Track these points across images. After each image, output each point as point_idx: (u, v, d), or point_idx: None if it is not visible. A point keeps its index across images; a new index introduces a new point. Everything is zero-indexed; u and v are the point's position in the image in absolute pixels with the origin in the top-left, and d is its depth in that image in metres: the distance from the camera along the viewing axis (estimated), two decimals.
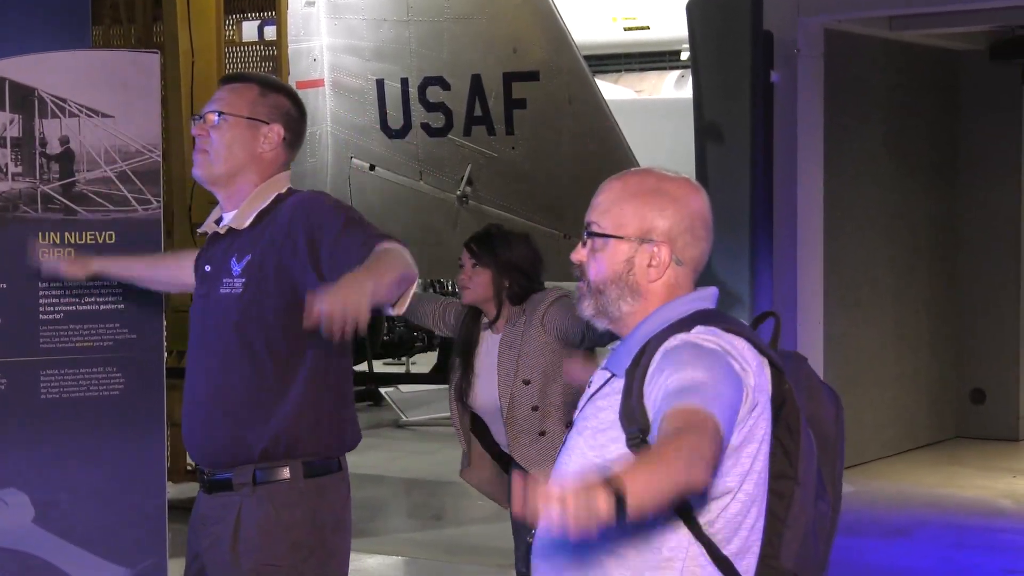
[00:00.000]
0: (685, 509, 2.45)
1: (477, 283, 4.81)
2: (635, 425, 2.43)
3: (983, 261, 10.55)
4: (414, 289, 3.26)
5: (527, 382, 4.69)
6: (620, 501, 2.03)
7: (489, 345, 4.86)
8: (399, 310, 3.27)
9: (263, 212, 3.50)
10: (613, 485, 2.04)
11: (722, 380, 2.37)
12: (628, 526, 2.42)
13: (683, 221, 2.56)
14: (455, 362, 4.98)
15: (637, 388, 2.45)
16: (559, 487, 1.99)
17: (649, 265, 2.55)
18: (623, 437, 2.45)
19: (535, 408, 4.70)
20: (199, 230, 3.67)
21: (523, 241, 4.92)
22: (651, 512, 2.13)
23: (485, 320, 4.88)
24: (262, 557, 3.42)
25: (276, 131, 3.53)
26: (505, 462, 4.93)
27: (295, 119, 3.59)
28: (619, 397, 2.49)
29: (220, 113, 3.50)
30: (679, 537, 2.46)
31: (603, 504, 2.00)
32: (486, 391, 4.83)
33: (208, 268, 3.55)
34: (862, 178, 9.65)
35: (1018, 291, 10.52)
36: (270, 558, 3.42)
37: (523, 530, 4.78)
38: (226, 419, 3.46)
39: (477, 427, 4.97)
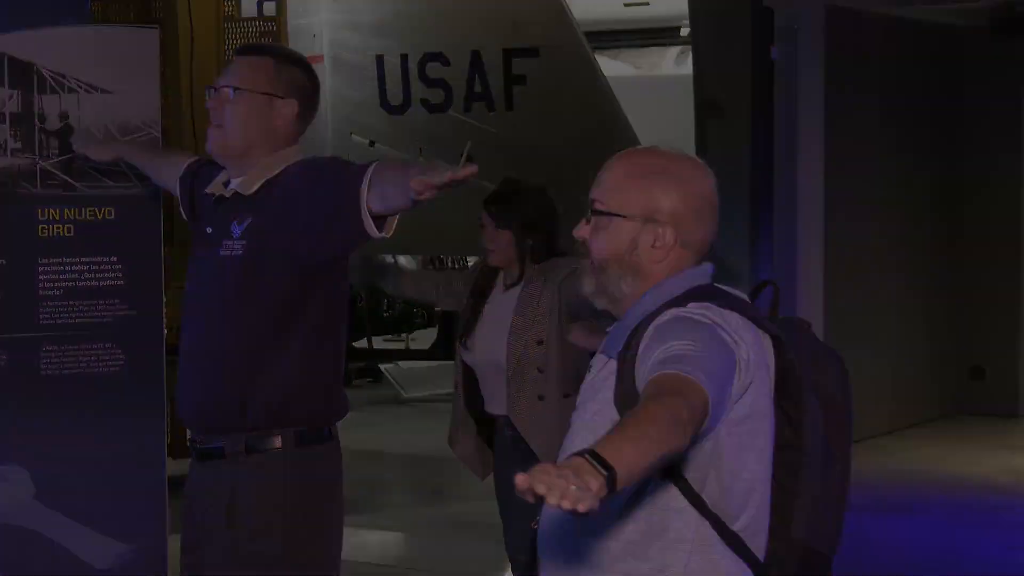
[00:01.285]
0: (685, 486, 2.44)
1: (501, 244, 4.79)
2: (629, 411, 2.42)
3: (983, 238, 10.54)
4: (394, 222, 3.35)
5: (540, 343, 4.68)
6: (610, 478, 2.02)
7: (499, 300, 4.84)
8: (388, 232, 3.33)
9: (270, 180, 3.51)
10: (601, 463, 2.03)
11: (708, 348, 2.34)
12: (633, 510, 2.43)
13: (689, 203, 2.53)
14: (467, 304, 4.95)
15: (628, 371, 2.43)
16: (547, 475, 1.98)
17: (653, 246, 2.52)
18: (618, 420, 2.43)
19: (541, 370, 4.69)
20: (206, 190, 3.67)
21: (539, 195, 4.90)
22: (638, 480, 2.12)
23: (503, 278, 4.87)
24: (257, 525, 3.44)
25: (291, 106, 3.54)
26: (487, 425, 4.91)
27: (309, 92, 3.60)
28: (614, 380, 2.47)
29: (235, 88, 3.51)
30: (686, 517, 2.44)
31: (595, 484, 1.99)
32: (487, 344, 4.81)
33: (210, 230, 3.57)
34: (863, 153, 9.63)
35: (1018, 268, 10.52)
36: (265, 526, 3.44)
37: (513, 513, 4.77)
38: (219, 381, 3.48)
39: (468, 382, 4.94)
